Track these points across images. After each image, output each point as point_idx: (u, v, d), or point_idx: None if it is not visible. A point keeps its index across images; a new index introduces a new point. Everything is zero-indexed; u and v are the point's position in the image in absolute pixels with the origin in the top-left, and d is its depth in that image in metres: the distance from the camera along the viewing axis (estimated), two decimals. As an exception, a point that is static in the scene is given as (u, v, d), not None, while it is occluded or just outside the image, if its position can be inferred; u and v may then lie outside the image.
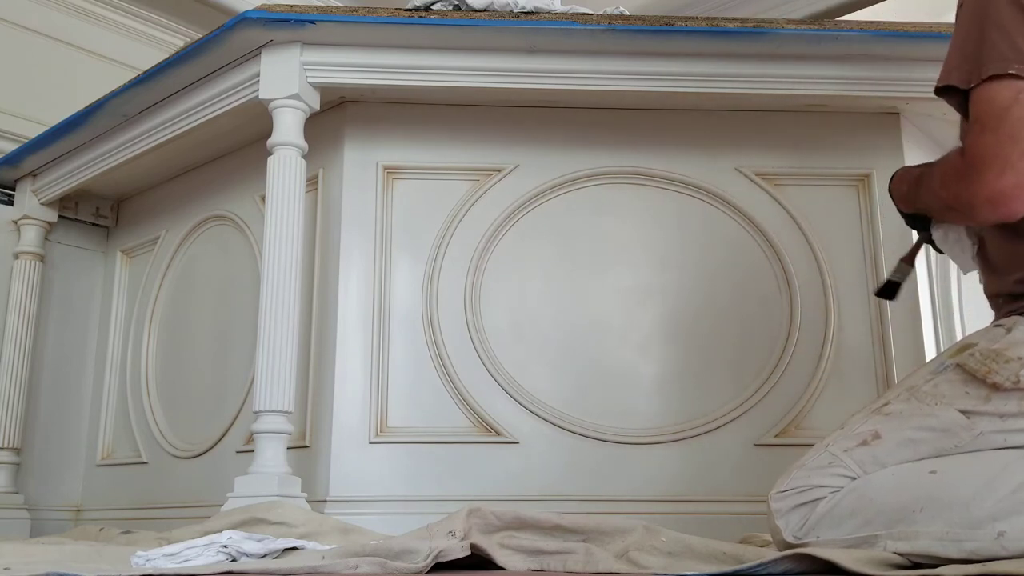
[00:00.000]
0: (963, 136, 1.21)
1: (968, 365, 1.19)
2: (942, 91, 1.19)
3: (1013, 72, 1.10)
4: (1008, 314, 1.23)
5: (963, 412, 1.16)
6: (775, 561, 1.07)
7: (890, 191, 1.43)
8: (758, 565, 1.07)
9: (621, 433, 1.89)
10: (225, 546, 1.27)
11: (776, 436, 1.89)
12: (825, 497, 1.20)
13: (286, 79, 1.89)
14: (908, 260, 1.47)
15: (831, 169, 2.01)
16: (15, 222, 2.59)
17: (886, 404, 1.25)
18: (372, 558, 1.17)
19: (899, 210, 1.44)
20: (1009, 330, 1.19)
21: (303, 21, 1.85)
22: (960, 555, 1.06)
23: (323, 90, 1.95)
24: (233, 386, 2.16)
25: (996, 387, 1.15)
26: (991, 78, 1.11)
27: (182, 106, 2.10)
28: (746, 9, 3.78)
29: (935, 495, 1.10)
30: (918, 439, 1.18)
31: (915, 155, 2.03)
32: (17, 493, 2.42)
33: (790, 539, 1.21)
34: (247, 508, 1.63)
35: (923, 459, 1.17)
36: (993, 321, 1.26)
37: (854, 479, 1.20)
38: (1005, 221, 1.14)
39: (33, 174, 2.59)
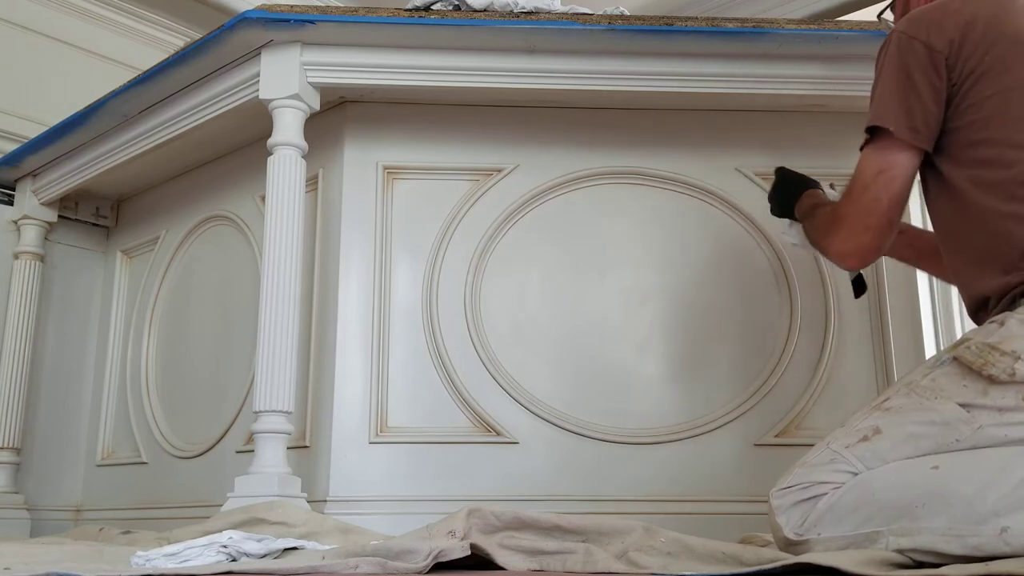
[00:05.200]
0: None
1: (964, 358, 1.20)
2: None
3: (895, 136, 1.28)
4: (1001, 310, 1.24)
5: (962, 405, 1.17)
6: (774, 569, 1.07)
7: (797, 198, 1.59)
8: (757, 572, 1.07)
9: (621, 433, 1.89)
10: (225, 546, 1.27)
11: (776, 436, 1.89)
12: (827, 493, 1.20)
13: (286, 79, 1.89)
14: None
15: (831, 169, 2.00)
16: (15, 222, 2.59)
17: (886, 400, 1.26)
18: (372, 558, 1.17)
19: (780, 206, 1.65)
20: (1002, 324, 1.21)
21: (303, 21, 1.85)
22: (963, 551, 1.06)
23: (323, 90, 1.95)
24: (233, 386, 2.16)
25: (992, 380, 1.16)
26: (878, 139, 1.30)
27: (182, 106, 2.10)
28: (746, 9, 3.78)
29: (937, 491, 1.11)
30: (919, 433, 1.19)
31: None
32: (17, 493, 2.42)
33: (791, 536, 1.21)
34: (247, 508, 1.63)
35: (925, 455, 1.18)
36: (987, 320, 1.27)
37: (856, 475, 1.20)
38: (850, 269, 1.48)
39: (33, 174, 2.59)
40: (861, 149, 1.35)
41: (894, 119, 1.28)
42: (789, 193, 1.63)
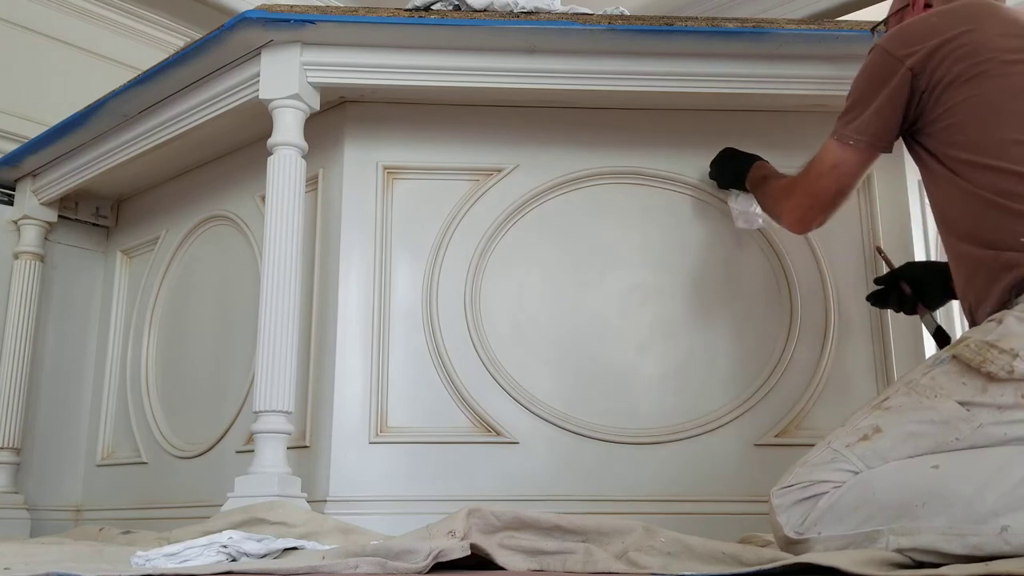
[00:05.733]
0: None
1: (963, 355, 1.21)
2: None
3: (851, 143, 1.43)
4: (997, 309, 1.26)
5: (962, 404, 1.18)
6: (774, 569, 1.07)
7: (748, 168, 1.82)
8: (757, 572, 1.07)
9: (621, 433, 1.89)
10: (225, 546, 1.27)
11: (776, 436, 1.89)
12: (827, 492, 1.21)
13: (286, 79, 1.89)
14: (920, 312, 1.68)
15: (831, 169, 2.01)
16: (15, 222, 2.59)
17: (886, 399, 1.27)
18: (372, 558, 1.17)
19: (733, 176, 1.87)
20: (1000, 322, 1.22)
21: (303, 21, 1.85)
22: (963, 550, 1.06)
23: (323, 90, 1.95)
24: (233, 386, 2.16)
25: (991, 377, 1.17)
26: (837, 137, 1.46)
27: (182, 106, 2.10)
28: (746, 9, 3.78)
29: (938, 490, 1.11)
30: (919, 432, 1.20)
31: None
32: (17, 493, 2.42)
33: (791, 535, 1.21)
34: (247, 508, 1.63)
35: (925, 454, 1.18)
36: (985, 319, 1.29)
37: (856, 474, 1.20)
38: (792, 232, 1.63)
39: (33, 174, 2.59)
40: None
41: (857, 127, 1.43)
42: (740, 165, 1.84)
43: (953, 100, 1.34)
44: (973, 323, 1.35)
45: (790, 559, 1.12)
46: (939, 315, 2.01)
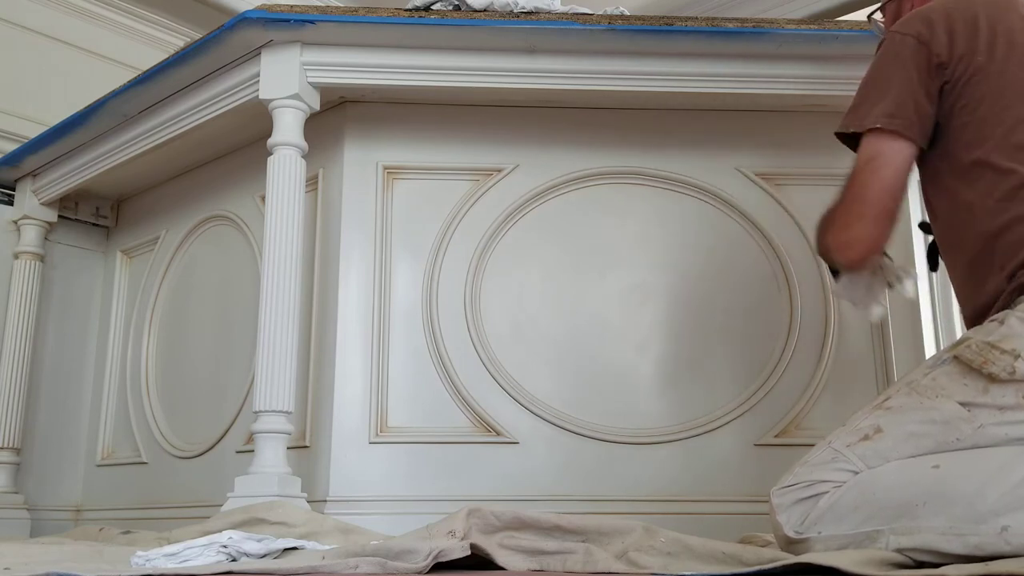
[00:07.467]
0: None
1: (964, 356, 1.21)
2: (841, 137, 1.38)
3: (879, 126, 1.29)
4: (999, 309, 1.25)
5: (963, 404, 1.18)
6: (774, 569, 1.07)
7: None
8: (757, 572, 1.07)
9: (621, 433, 1.89)
10: (225, 546, 1.27)
11: (776, 436, 1.89)
12: (827, 492, 1.21)
13: (286, 79, 1.89)
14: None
15: (831, 169, 2.00)
16: (15, 222, 2.59)
17: (887, 399, 1.27)
18: (372, 558, 1.17)
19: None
20: (1002, 323, 1.22)
21: (303, 21, 1.85)
22: (963, 550, 1.06)
23: (323, 90, 1.95)
24: (233, 386, 2.16)
25: (992, 378, 1.17)
26: (868, 131, 1.31)
27: (182, 106, 2.10)
28: (746, 9, 3.78)
29: (938, 490, 1.11)
30: (920, 432, 1.20)
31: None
32: (17, 493, 2.42)
33: (791, 534, 1.21)
34: (247, 508, 1.63)
35: (926, 454, 1.18)
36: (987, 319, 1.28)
37: (857, 474, 1.20)
38: (853, 267, 1.38)
39: (33, 174, 2.59)
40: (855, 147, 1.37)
41: (883, 112, 1.31)
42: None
43: (975, 94, 1.30)
44: (973, 323, 1.34)
45: (790, 559, 1.12)
46: (939, 320, 2.01)
